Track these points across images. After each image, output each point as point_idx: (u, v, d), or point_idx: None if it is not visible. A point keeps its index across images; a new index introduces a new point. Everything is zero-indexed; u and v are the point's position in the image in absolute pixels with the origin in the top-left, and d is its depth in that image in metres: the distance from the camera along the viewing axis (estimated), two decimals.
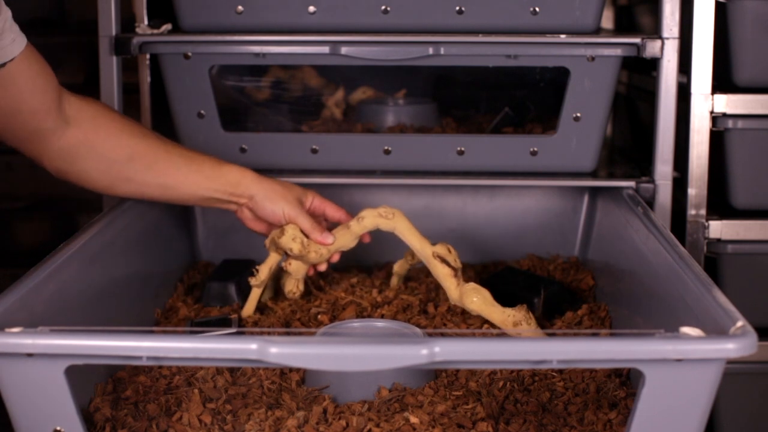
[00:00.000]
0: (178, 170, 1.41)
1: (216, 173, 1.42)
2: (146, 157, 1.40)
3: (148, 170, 1.40)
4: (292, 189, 1.45)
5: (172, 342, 0.92)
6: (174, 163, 1.41)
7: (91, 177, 1.39)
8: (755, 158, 1.56)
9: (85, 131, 1.35)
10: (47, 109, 1.31)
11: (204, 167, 1.42)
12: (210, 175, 1.42)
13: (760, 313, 1.56)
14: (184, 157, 1.42)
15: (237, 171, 1.43)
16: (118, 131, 1.38)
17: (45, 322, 0.97)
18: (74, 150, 1.35)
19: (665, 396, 0.94)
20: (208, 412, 1.10)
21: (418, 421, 1.08)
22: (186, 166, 1.41)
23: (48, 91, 1.30)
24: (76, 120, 1.35)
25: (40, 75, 1.29)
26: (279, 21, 1.57)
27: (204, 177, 1.42)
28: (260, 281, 1.42)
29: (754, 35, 1.52)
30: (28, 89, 1.28)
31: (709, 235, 1.57)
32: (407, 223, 1.38)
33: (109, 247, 1.34)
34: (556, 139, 1.60)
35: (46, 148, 1.34)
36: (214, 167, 1.43)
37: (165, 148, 1.41)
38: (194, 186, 1.42)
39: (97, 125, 1.36)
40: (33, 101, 1.29)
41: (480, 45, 1.55)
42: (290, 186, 1.46)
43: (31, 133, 1.32)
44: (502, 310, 1.31)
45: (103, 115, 1.38)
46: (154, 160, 1.40)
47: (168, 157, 1.41)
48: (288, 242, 1.38)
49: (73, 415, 0.97)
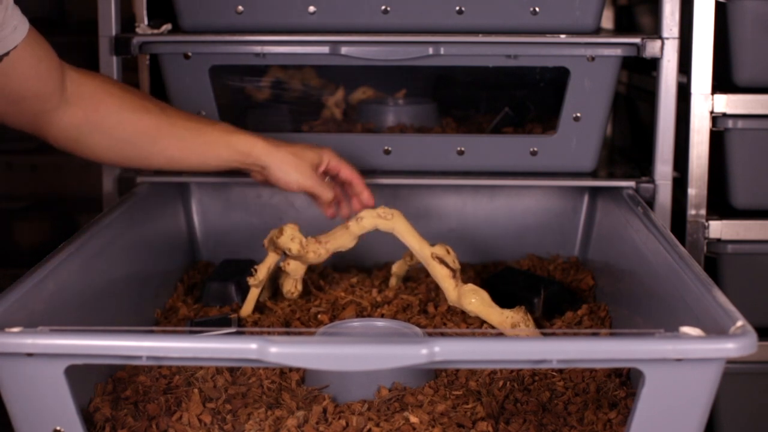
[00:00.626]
0: (184, 142, 1.39)
1: (224, 144, 1.40)
2: (149, 132, 1.37)
3: (153, 145, 1.38)
4: (305, 155, 1.43)
5: (172, 342, 0.92)
6: (179, 136, 1.39)
7: (98, 153, 1.38)
8: (755, 158, 1.56)
9: (86, 109, 1.34)
10: (51, 91, 1.30)
11: (211, 138, 1.40)
12: (218, 145, 1.40)
13: (760, 313, 1.56)
14: (190, 130, 1.39)
15: (247, 141, 1.41)
16: (118, 107, 1.36)
17: (45, 322, 0.97)
18: (77, 128, 1.34)
19: (665, 396, 0.94)
20: (208, 412, 1.10)
21: (417, 421, 1.08)
22: (192, 138, 1.39)
23: (51, 74, 1.29)
24: (77, 98, 1.33)
25: (43, 59, 1.27)
26: (279, 21, 1.57)
27: (211, 148, 1.40)
28: (259, 281, 1.42)
29: (754, 35, 1.52)
30: (31, 75, 1.26)
31: (709, 235, 1.57)
32: (406, 223, 1.38)
33: (109, 247, 1.34)
34: (556, 139, 1.60)
35: (50, 128, 1.33)
36: (222, 137, 1.40)
37: (169, 120, 1.39)
38: (202, 157, 1.40)
39: (97, 102, 1.34)
40: (37, 86, 1.28)
41: (480, 45, 1.55)
42: (303, 152, 1.43)
43: (35, 115, 1.31)
44: (500, 312, 1.31)
45: (104, 90, 1.35)
46: (158, 135, 1.38)
47: (172, 131, 1.39)
48: (286, 242, 1.38)
49: (73, 415, 0.97)
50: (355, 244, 1.41)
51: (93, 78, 1.36)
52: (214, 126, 1.42)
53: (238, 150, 1.40)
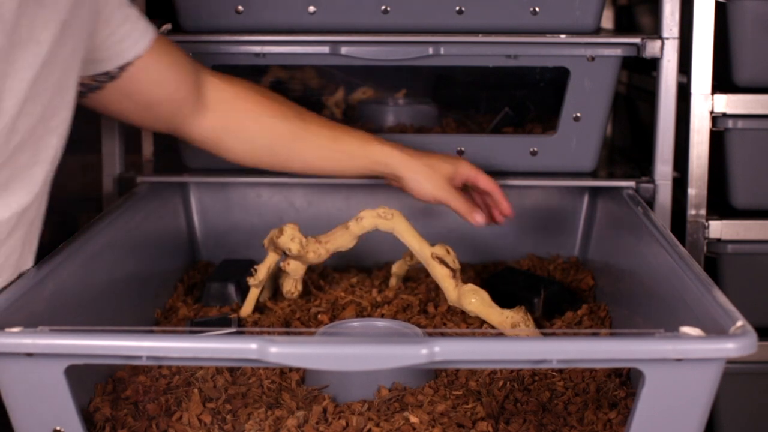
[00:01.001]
0: (321, 150, 1.41)
1: (361, 153, 1.41)
2: (286, 138, 1.40)
3: (289, 151, 1.41)
4: (441, 167, 1.43)
5: (172, 342, 0.92)
6: (315, 143, 1.41)
7: (237, 156, 1.42)
8: (755, 158, 1.56)
9: (224, 116, 1.38)
10: (182, 98, 1.34)
11: (348, 147, 1.41)
12: (354, 154, 1.41)
13: (760, 313, 1.56)
14: (327, 137, 1.41)
15: (383, 151, 1.42)
16: (256, 114, 1.39)
17: (45, 322, 0.97)
18: (215, 133, 1.39)
19: (665, 396, 0.94)
20: (208, 412, 1.10)
21: (417, 421, 1.08)
22: (328, 146, 1.41)
23: (182, 81, 1.34)
24: (215, 104, 1.37)
25: (172, 66, 1.32)
26: (279, 21, 1.57)
27: (347, 156, 1.41)
28: (258, 281, 1.42)
29: (754, 35, 1.52)
30: (159, 82, 1.31)
31: (709, 235, 1.57)
32: (406, 223, 1.38)
33: (109, 247, 1.34)
34: (556, 139, 1.60)
35: (188, 131, 1.38)
36: (359, 146, 1.42)
37: (306, 127, 1.41)
38: (338, 164, 1.43)
39: (235, 109, 1.39)
40: (166, 92, 1.33)
41: (480, 45, 1.55)
42: (438, 164, 1.43)
43: (170, 119, 1.36)
44: (500, 312, 1.31)
45: (243, 98, 1.39)
46: (295, 141, 1.41)
47: (309, 137, 1.41)
48: (286, 242, 1.38)
49: (73, 415, 0.97)
50: (355, 244, 1.41)
51: (233, 84, 1.40)
52: (351, 134, 1.43)
53: (375, 160, 1.42)
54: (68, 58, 1.14)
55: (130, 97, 1.31)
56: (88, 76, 1.27)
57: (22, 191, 1.11)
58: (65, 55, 1.13)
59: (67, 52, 1.14)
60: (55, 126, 1.14)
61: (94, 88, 1.29)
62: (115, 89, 1.29)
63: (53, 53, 1.11)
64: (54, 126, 1.14)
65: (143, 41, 1.27)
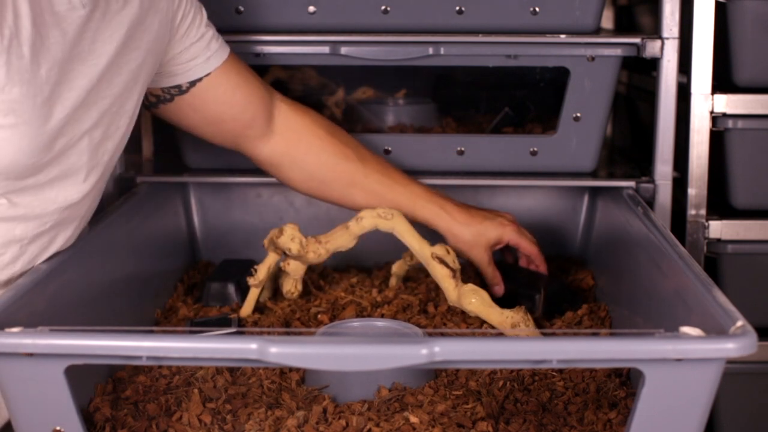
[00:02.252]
0: (374, 196, 1.46)
1: (410, 208, 1.45)
2: (344, 179, 1.46)
3: (344, 190, 1.47)
4: (486, 236, 1.45)
5: (172, 342, 0.92)
6: (370, 189, 1.46)
7: (294, 184, 1.48)
8: (755, 158, 1.55)
9: (288, 144, 1.44)
10: (249, 119, 1.41)
11: (400, 199, 1.45)
12: (404, 206, 1.44)
13: (760, 313, 1.56)
14: (382, 185, 1.46)
15: (431, 213, 1.45)
16: (319, 149, 1.45)
17: (45, 322, 0.97)
18: (278, 158, 1.45)
19: (665, 396, 0.94)
20: (208, 412, 1.10)
21: (418, 421, 1.08)
22: (382, 194, 1.46)
23: (249, 103, 1.40)
24: (283, 130, 1.44)
25: (240, 87, 1.39)
26: (279, 21, 1.57)
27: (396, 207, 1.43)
28: (258, 281, 1.42)
29: (754, 35, 1.52)
30: (226, 101, 1.38)
31: (709, 235, 1.57)
32: (406, 223, 1.37)
33: (109, 247, 1.34)
34: (556, 139, 1.60)
35: (252, 151, 1.45)
36: (409, 201, 1.45)
37: (365, 172, 1.46)
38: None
39: (299, 140, 1.44)
40: (233, 111, 1.39)
41: (480, 45, 1.55)
42: (484, 232, 1.45)
43: (235, 138, 1.43)
44: (500, 312, 1.31)
45: (311, 131, 1.45)
46: (351, 183, 1.46)
47: (365, 183, 1.46)
48: (286, 242, 1.38)
49: (73, 415, 0.97)
50: (355, 244, 1.41)
51: (303, 115, 1.45)
52: (406, 187, 1.47)
53: (422, 217, 1.46)
54: (133, 70, 1.22)
55: (198, 112, 1.38)
56: (160, 88, 1.35)
57: (73, 188, 1.17)
58: (130, 67, 1.21)
59: (132, 64, 1.21)
60: (112, 132, 1.21)
61: (165, 101, 1.38)
62: (184, 103, 1.37)
63: (114, 65, 1.18)
64: (111, 132, 1.21)
65: (214, 60, 1.35)
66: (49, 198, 1.15)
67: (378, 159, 1.49)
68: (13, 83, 1.05)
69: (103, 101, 1.18)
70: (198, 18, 1.34)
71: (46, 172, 1.13)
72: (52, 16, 1.10)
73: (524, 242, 1.47)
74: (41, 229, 1.16)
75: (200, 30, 1.34)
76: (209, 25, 1.37)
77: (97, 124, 1.18)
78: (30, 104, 1.07)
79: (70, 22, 1.12)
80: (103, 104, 1.18)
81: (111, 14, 1.17)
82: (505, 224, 1.47)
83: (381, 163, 1.49)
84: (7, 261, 1.14)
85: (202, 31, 1.34)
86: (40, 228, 1.16)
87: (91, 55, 1.15)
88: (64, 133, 1.13)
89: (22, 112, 1.07)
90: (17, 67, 1.05)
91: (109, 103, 1.19)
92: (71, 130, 1.14)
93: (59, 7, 1.11)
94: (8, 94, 1.05)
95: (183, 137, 1.63)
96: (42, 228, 1.16)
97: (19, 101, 1.06)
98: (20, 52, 1.06)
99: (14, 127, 1.06)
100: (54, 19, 1.10)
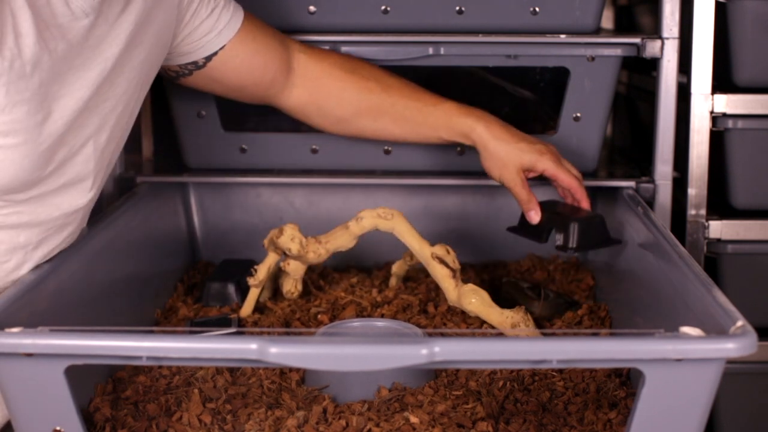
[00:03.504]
0: (405, 122, 1.46)
1: (444, 125, 1.44)
2: (370, 113, 1.46)
3: (374, 122, 1.47)
4: (519, 157, 1.41)
5: (172, 342, 0.92)
6: (400, 116, 1.45)
7: (325, 128, 1.50)
8: (755, 158, 1.56)
9: (310, 92, 1.45)
10: (270, 79, 1.42)
11: (432, 119, 1.44)
12: (438, 127, 1.44)
13: (760, 313, 1.56)
14: (411, 109, 1.45)
15: (467, 124, 1.43)
16: (341, 90, 1.45)
17: (45, 322, 0.97)
18: (302, 108, 1.46)
19: (665, 396, 0.94)
20: (208, 412, 1.10)
21: (418, 421, 1.08)
22: (412, 118, 1.45)
23: (269, 66, 1.41)
24: (302, 81, 1.45)
25: (258, 53, 1.39)
26: (278, 21, 1.56)
27: (431, 129, 1.45)
28: (258, 281, 1.41)
29: (754, 35, 1.52)
30: (245, 69, 1.39)
31: (709, 235, 1.57)
32: (406, 224, 1.37)
33: (109, 247, 1.34)
34: (556, 139, 1.60)
35: (279, 105, 1.48)
36: (443, 119, 1.44)
37: (391, 101, 1.45)
38: (422, 136, 1.47)
39: (320, 86, 1.45)
40: (254, 77, 1.41)
41: (480, 45, 1.55)
42: (519, 153, 1.41)
43: (261, 98, 1.47)
44: (500, 312, 1.31)
45: (328, 74, 1.45)
46: (378, 115, 1.46)
47: (394, 111, 1.45)
48: (286, 242, 1.38)
49: (73, 415, 0.97)
50: (355, 244, 1.41)
51: (320, 60, 1.46)
52: (436, 106, 1.45)
53: (458, 131, 1.44)
54: (136, 66, 1.21)
55: (219, 82, 1.40)
56: (176, 65, 1.36)
57: (80, 195, 1.17)
58: (133, 64, 1.20)
59: (135, 61, 1.21)
60: (116, 133, 1.21)
61: (185, 74, 1.39)
62: (204, 75, 1.38)
63: (117, 65, 1.17)
64: (116, 133, 1.21)
65: (227, 32, 1.35)
66: (54, 204, 1.14)
67: (404, 84, 1.47)
68: (14, 103, 1.03)
69: (105, 103, 1.17)
70: None
71: (50, 182, 1.12)
72: (57, 29, 1.08)
73: (562, 174, 1.41)
74: (45, 234, 1.15)
75: (210, 5, 1.33)
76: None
77: (102, 128, 1.17)
78: (32, 122, 1.05)
79: (75, 33, 1.10)
80: (106, 106, 1.17)
81: (113, 17, 1.15)
82: (543, 152, 1.41)
83: (408, 87, 1.47)
84: (11, 267, 1.13)
85: (212, 6, 1.33)
86: (44, 234, 1.15)
87: (93, 61, 1.13)
88: (66, 142, 1.11)
89: (23, 131, 1.05)
90: (19, 87, 1.03)
91: (112, 104, 1.18)
92: (73, 138, 1.12)
93: (62, 19, 1.09)
94: (9, 114, 1.03)
95: (183, 137, 1.63)
96: (46, 234, 1.15)
97: (20, 120, 1.04)
98: (23, 72, 1.03)
99: (15, 147, 1.05)
100: (59, 31, 1.08)
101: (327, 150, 1.63)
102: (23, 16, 1.04)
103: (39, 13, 1.06)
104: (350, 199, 1.70)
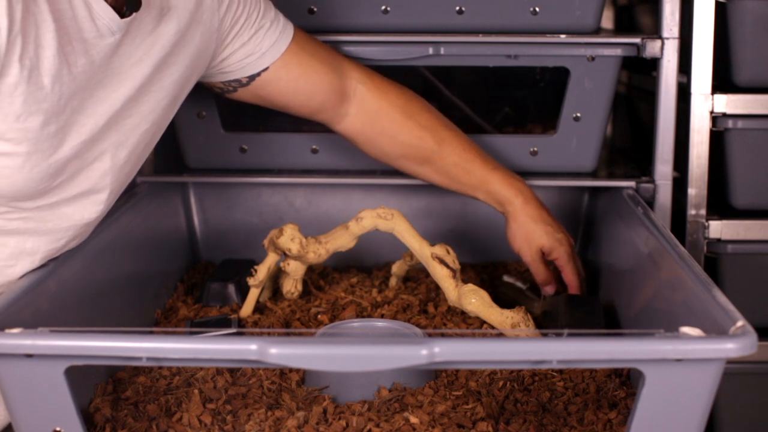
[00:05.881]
0: (448, 176, 1.48)
1: (483, 189, 1.47)
2: (418, 159, 1.48)
3: (418, 167, 1.48)
4: (541, 237, 1.44)
5: (172, 343, 0.92)
6: (444, 170, 1.47)
7: (368, 153, 1.50)
8: (755, 158, 1.55)
9: (363, 125, 1.45)
10: (319, 105, 1.42)
11: (474, 180, 1.47)
12: (477, 188, 1.47)
13: (760, 313, 1.56)
14: (457, 167, 1.47)
15: (504, 195, 1.46)
16: (395, 132, 1.46)
17: (45, 322, 0.97)
18: (352, 135, 1.47)
19: (665, 396, 0.94)
20: (208, 413, 1.10)
21: (418, 421, 1.08)
22: (456, 175, 1.47)
23: (316, 91, 1.40)
24: (356, 113, 1.45)
25: (303, 77, 1.38)
26: None
27: (471, 188, 1.47)
28: (258, 281, 1.41)
29: (754, 35, 1.52)
30: (289, 92, 1.38)
31: (709, 235, 1.57)
32: (406, 224, 1.38)
33: (109, 247, 1.34)
34: (556, 139, 1.60)
35: (329, 126, 1.47)
36: (483, 182, 1.46)
37: (441, 155, 1.46)
38: (459, 190, 1.50)
39: (374, 122, 1.45)
40: (298, 100, 1.40)
41: (480, 45, 1.55)
42: (540, 233, 1.44)
43: (310, 118, 1.46)
44: (500, 312, 1.31)
45: (385, 115, 1.45)
46: (426, 163, 1.47)
47: (440, 165, 1.47)
48: (286, 242, 1.38)
49: (73, 416, 0.97)
50: (355, 244, 1.41)
51: (379, 97, 1.45)
52: (481, 168, 1.47)
53: (496, 200, 1.47)
54: (166, 86, 1.20)
55: (265, 99, 1.39)
56: (220, 81, 1.36)
57: (93, 208, 1.17)
58: (163, 84, 1.19)
59: (165, 81, 1.20)
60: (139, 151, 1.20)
61: (230, 91, 1.39)
62: (249, 93, 1.38)
63: (145, 85, 1.16)
64: (139, 151, 1.20)
65: (271, 54, 1.34)
66: (65, 214, 1.14)
67: (458, 140, 1.48)
68: (30, 113, 1.03)
69: (127, 120, 1.16)
70: (255, 14, 1.31)
71: (61, 192, 1.12)
72: (81, 44, 1.07)
73: (569, 269, 1.45)
74: (54, 245, 1.15)
75: (253, 27, 1.32)
76: (266, 15, 1.33)
77: (122, 143, 1.16)
78: (45, 133, 1.05)
79: (99, 50, 1.09)
80: (128, 123, 1.16)
81: (141, 37, 1.14)
82: (563, 242, 1.45)
83: (461, 144, 1.47)
84: (18, 273, 1.13)
85: (255, 27, 1.32)
86: (54, 244, 1.15)
87: (115, 80, 1.13)
88: (79, 155, 1.11)
89: (36, 141, 1.05)
90: (36, 97, 1.03)
91: (135, 121, 1.17)
92: (86, 151, 1.12)
93: (87, 34, 1.08)
94: (23, 123, 1.03)
95: (183, 137, 1.63)
96: (55, 245, 1.15)
97: (34, 130, 1.04)
98: (40, 83, 1.03)
99: (27, 156, 1.05)
100: (83, 46, 1.08)
101: (327, 150, 1.63)
102: (47, 27, 1.03)
103: (64, 26, 1.06)
104: (350, 199, 1.70)
